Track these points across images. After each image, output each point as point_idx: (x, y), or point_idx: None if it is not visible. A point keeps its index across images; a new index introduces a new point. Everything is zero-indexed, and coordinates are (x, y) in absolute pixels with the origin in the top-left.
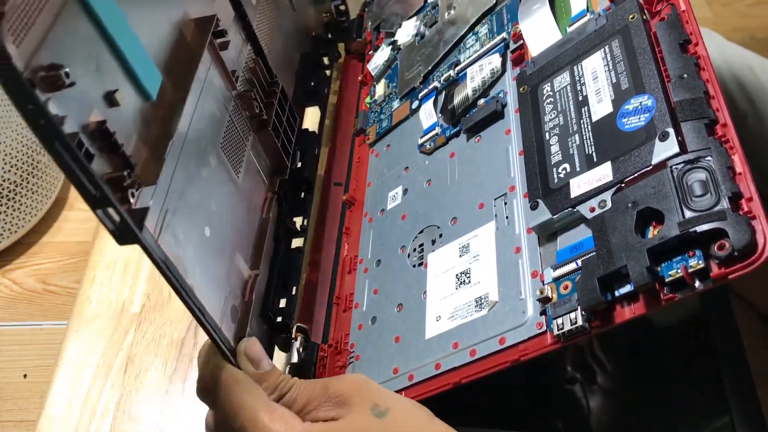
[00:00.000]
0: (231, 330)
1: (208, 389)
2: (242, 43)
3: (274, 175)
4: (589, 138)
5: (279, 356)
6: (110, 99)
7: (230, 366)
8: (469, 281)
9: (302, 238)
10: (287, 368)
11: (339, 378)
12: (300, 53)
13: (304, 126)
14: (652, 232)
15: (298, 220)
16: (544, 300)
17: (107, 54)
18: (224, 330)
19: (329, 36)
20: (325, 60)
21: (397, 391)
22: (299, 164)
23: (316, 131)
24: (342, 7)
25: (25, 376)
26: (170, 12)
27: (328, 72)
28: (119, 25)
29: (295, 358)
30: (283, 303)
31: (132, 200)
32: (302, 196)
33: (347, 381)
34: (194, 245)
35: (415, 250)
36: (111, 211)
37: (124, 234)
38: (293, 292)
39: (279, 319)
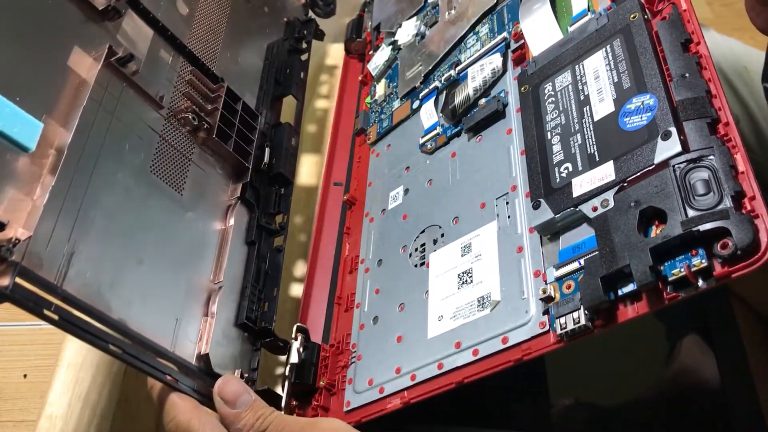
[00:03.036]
0: (191, 351)
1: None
2: (172, 58)
3: (238, 179)
4: (591, 137)
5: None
6: None
7: (198, 410)
8: (471, 281)
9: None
10: (287, 368)
11: (317, 429)
12: (267, 44)
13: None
14: (654, 232)
15: (280, 218)
16: (547, 299)
17: None
18: (178, 352)
19: (307, 15)
20: (303, 44)
21: (399, 391)
22: (273, 160)
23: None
24: None
25: (25, 376)
26: (57, 55)
27: (304, 57)
28: None
29: (295, 359)
30: (266, 307)
31: (11, 257)
32: (282, 192)
33: None
34: (122, 278)
35: (416, 249)
36: None
37: None
38: (275, 294)
39: (263, 323)
